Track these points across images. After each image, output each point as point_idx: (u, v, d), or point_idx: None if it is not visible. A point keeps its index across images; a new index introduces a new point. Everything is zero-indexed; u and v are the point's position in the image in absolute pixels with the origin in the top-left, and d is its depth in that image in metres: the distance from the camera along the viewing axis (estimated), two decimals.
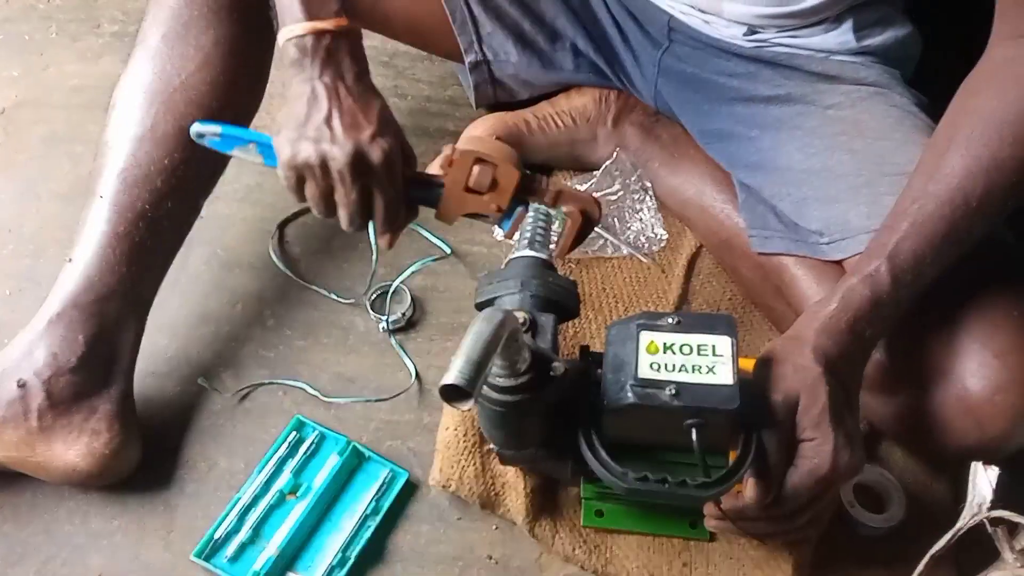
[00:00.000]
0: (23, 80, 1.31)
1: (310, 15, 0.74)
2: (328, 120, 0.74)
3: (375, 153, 0.75)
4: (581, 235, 0.84)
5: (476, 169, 0.79)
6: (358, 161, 0.75)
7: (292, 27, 0.74)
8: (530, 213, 0.81)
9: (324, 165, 0.75)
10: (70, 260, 0.87)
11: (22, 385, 0.84)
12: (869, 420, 0.89)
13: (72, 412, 0.85)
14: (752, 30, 0.97)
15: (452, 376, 0.55)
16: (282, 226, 1.13)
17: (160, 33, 0.89)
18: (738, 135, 1.00)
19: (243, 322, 1.05)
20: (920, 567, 0.71)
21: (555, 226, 0.82)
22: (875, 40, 0.94)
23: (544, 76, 1.12)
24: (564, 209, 0.82)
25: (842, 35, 0.94)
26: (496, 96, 1.14)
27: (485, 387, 0.67)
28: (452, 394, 0.56)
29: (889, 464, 0.92)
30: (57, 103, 1.27)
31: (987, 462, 0.70)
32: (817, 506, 0.73)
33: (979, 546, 0.71)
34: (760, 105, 0.98)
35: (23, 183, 1.18)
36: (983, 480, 0.69)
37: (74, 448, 0.85)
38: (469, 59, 1.09)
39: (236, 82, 0.90)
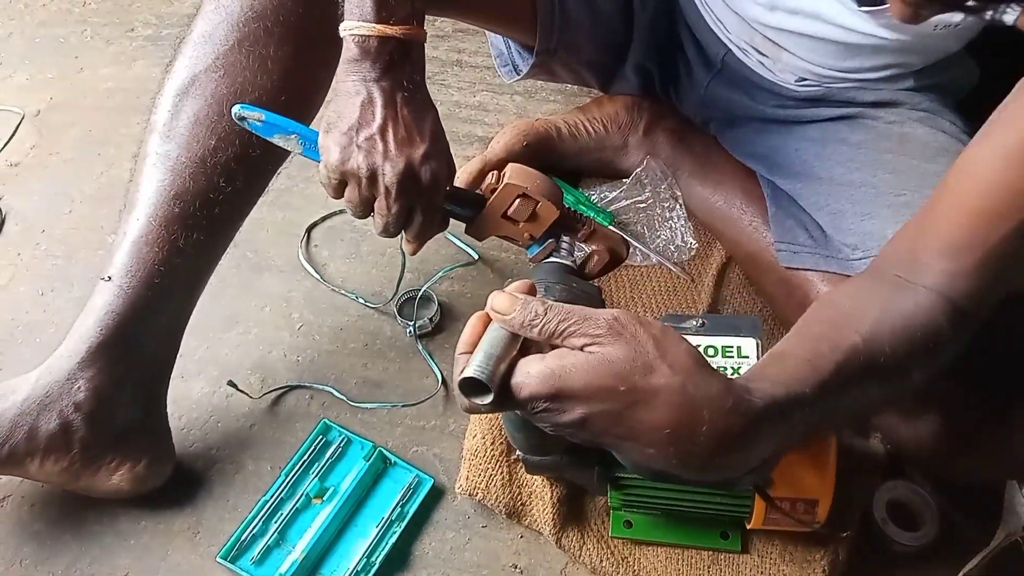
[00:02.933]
0: (58, 82, 1.32)
1: (379, 17, 0.70)
2: (383, 131, 0.72)
3: (425, 174, 0.73)
4: (605, 271, 0.84)
5: (518, 201, 0.78)
6: (407, 179, 0.72)
7: (359, 24, 0.70)
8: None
9: (373, 176, 0.73)
10: (109, 278, 0.82)
11: (64, 418, 0.82)
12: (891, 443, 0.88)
13: (115, 442, 0.85)
14: (803, 78, 0.95)
15: (471, 369, 0.54)
16: (310, 229, 1.13)
17: (235, 37, 0.79)
18: (781, 148, 0.98)
19: (271, 325, 1.05)
20: None
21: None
22: (934, 80, 0.92)
23: (601, 73, 1.10)
24: (593, 247, 0.82)
25: (903, 82, 0.92)
26: (533, 78, 1.11)
27: None
28: (471, 389, 0.55)
29: (922, 482, 0.90)
30: (91, 105, 1.29)
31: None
32: None
33: (1014, 566, 0.70)
34: (807, 125, 0.97)
35: (56, 184, 1.20)
36: (1019, 500, 0.68)
37: (117, 474, 0.86)
38: (539, 49, 1.02)
39: (309, 108, 0.84)
